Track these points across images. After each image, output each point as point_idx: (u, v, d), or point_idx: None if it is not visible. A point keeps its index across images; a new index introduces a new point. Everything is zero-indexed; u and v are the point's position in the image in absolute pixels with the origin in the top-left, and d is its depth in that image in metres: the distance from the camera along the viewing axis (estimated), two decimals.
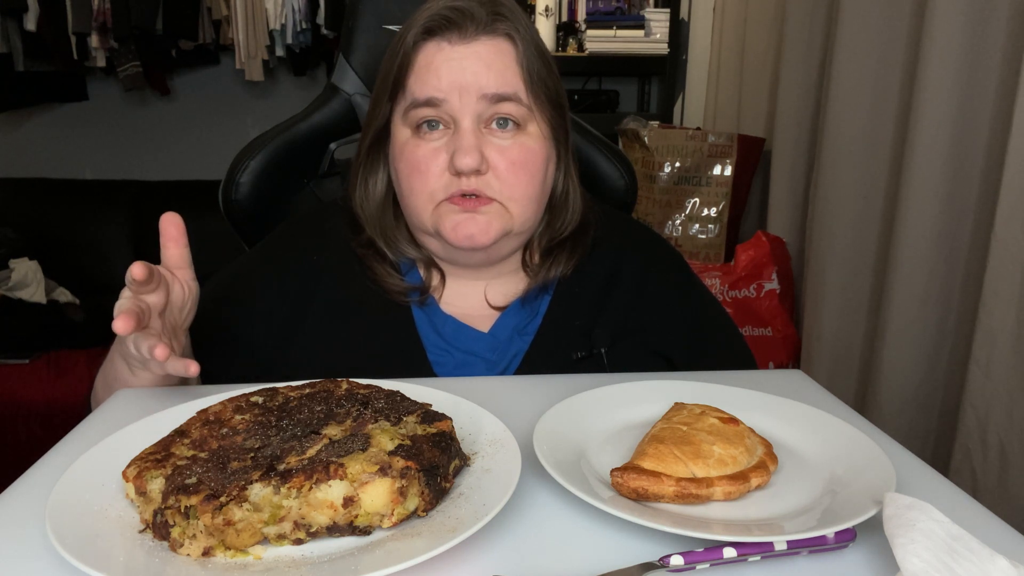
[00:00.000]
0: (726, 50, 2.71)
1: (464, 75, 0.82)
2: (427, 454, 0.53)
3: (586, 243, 0.95)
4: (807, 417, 0.67)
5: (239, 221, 1.13)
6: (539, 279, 0.93)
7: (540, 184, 0.88)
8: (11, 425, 2.25)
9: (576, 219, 0.95)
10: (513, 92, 0.83)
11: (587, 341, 0.89)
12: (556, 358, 0.89)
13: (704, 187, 2.42)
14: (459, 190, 0.83)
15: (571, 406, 0.68)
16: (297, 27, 2.71)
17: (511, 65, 0.84)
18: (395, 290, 0.90)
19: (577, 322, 0.91)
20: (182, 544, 0.49)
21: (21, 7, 2.54)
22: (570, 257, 0.93)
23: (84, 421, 0.71)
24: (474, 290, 0.93)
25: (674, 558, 0.48)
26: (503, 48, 0.84)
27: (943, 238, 1.61)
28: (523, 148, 0.85)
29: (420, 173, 0.84)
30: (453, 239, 0.84)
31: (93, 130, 3.10)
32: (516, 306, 0.93)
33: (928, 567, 0.43)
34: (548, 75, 0.88)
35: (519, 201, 0.85)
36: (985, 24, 1.50)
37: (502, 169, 0.83)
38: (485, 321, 0.92)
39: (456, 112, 0.82)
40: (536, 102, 0.86)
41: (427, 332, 0.90)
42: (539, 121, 0.87)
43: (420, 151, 0.84)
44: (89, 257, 2.83)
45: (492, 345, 0.90)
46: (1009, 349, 1.39)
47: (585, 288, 0.94)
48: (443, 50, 0.83)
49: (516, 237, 0.89)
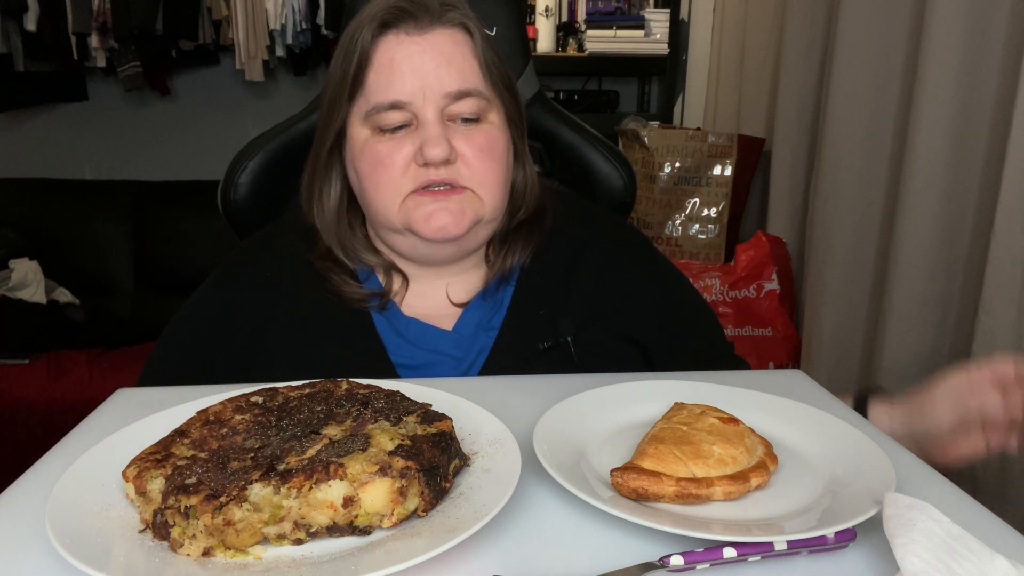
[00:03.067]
0: (726, 50, 2.71)
1: (426, 74, 0.82)
2: (427, 454, 0.53)
3: (543, 228, 0.94)
4: (807, 417, 0.67)
5: (238, 221, 1.13)
6: (496, 269, 0.92)
7: (506, 170, 0.88)
8: (11, 425, 2.25)
9: (533, 205, 0.94)
10: (473, 86, 0.84)
11: (553, 330, 0.89)
12: (522, 350, 0.88)
13: (704, 187, 2.42)
14: (428, 180, 0.82)
15: (571, 406, 0.68)
16: (297, 27, 2.71)
17: (468, 57, 0.85)
18: (354, 297, 0.90)
19: (542, 311, 0.90)
20: (182, 544, 0.49)
21: (21, 7, 2.54)
22: (527, 244, 0.92)
23: (84, 421, 0.71)
24: (436, 289, 0.93)
25: (674, 558, 0.48)
26: (459, 40, 0.84)
27: (943, 238, 1.61)
28: (488, 135, 0.85)
29: (385, 167, 0.83)
30: (425, 231, 0.83)
31: (93, 130, 3.10)
32: (478, 300, 0.92)
33: (928, 567, 0.43)
34: (500, 63, 0.88)
35: (489, 187, 0.85)
36: (985, 24, 1.50)
37: (470, 156, 0.83)
38: (449, 319, 0.91)
39: (419, 110, 0.82)
40: (494, 91, 0.87)
41: (389, 336, 0.89)
42: (498, 109, 0.87)
43: (382, 146, 0.83)
44: (89, 257, 2.82)
45: (457, 342, 0.89)
46: (1009, 349, 1.39)
47: (547, 276, 0.93)
48: (402, 43, 0.83)
49: (486, 225, 0.88)
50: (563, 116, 1.20)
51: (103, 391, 0.79)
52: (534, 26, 2.69)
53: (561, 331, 0.88)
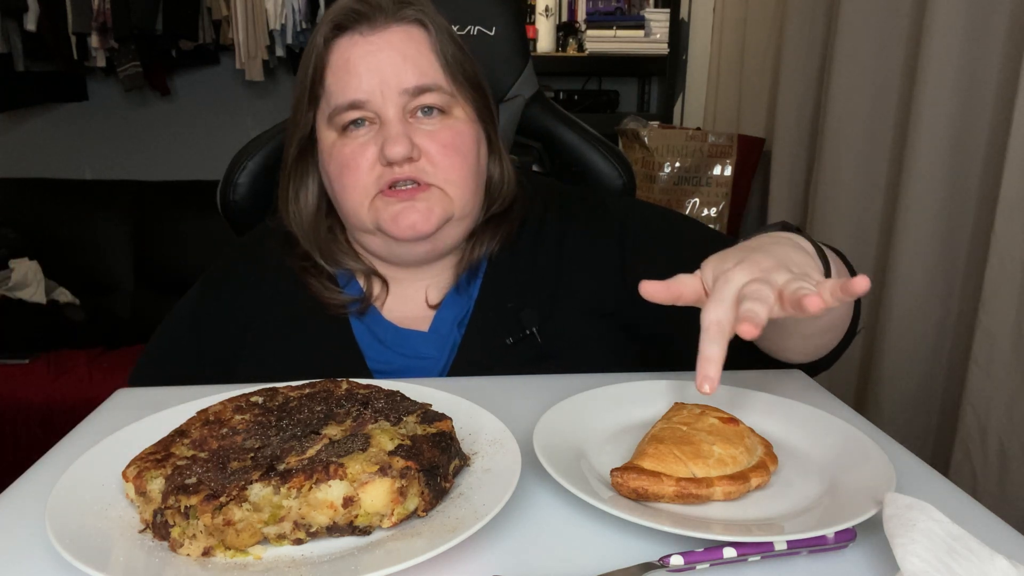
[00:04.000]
0: (726, 50, 2.71)
1: (383, 71, 0.81)
2: (427, 454, 0.53)
3: (512, 220, 0.92)
4: (807, 417, 0.67)
5: (238, 221, 1.13)
6: (466, 261, 0.91)
7: (475, 166, 0.87)
8: (11, 425, 2.25)
9: (509, 198, 0.93)
10: (432, 81, 0.83)
11: (518, 324, 0.87)
12: (490, 345, 0.87)
13: (704, 187, 2.42)
14: (393, 178, 0.82)
15: (571, 406, 0.68)
16: (297, 27, 2.70)
17: (426, 53, 0.84)
18: (333, 303, 0.89)
19: (509, 304, 0.89)
20: (182, 544, 0.49)
21: (21, 7, 2.54)
22: (494, 234, 0.91)
23: (84, 421, 0.71)
24: (416, 292, 0.92)
25: (674, 558, 0.48)
26: (415, 35, 0.84)
27: (943, 238, 1.61)
28: (452, 131, 0.84)
29: (351, 169, 0.83)
30: (395, 231, 0.83)
31: (93, 130, 3.10)
32: (452, 297, 0.91)
33: (928, 567, 0.43)
34: (464, 57, 0.87)
35: (457, 183, 0.84)
36: (985, 24, 1.50)
37: (434, 153, 0.83)
38: (427, 321, 0.90)
39: (379, 108, 0.82)
40: (457, 86, 0.85)
41: (368, 342, 0.88)
42: (463, 104, 0.86)
43: (348, 148, 0.83)
44: (89, 257, 2.82)
45: (436, 343, 0.89)
46: (1009, 349, 1.39)
47: (514, 268, 0.92)
48: (356, 44, 0.82)
49: (459, 223, 0.87)
50: (563, 116, 1.20)
51: (103, 391, 0.79)
52: (534, 26, 2.69)
53: (525, 323, 0.87)
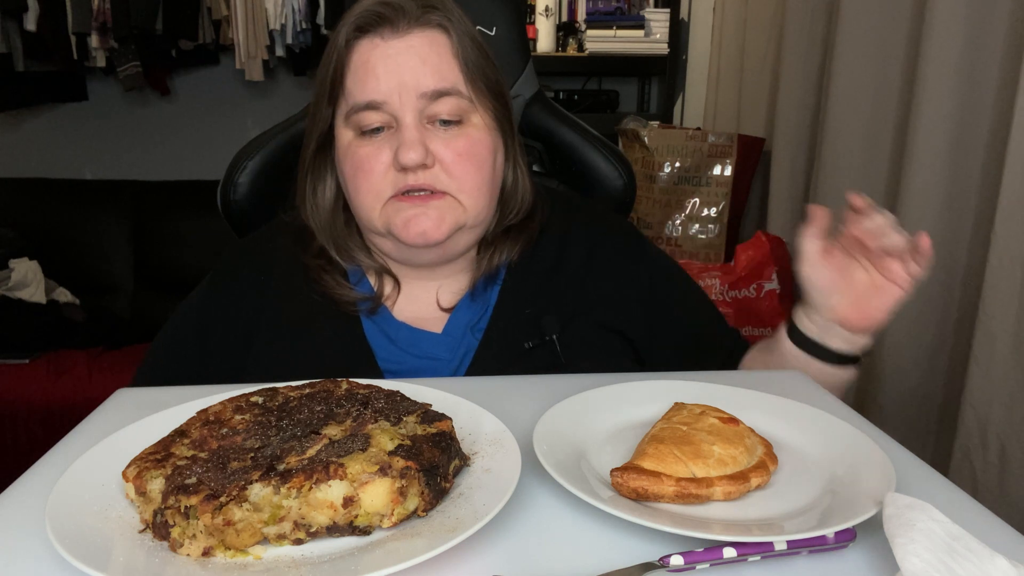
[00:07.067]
0: (726, 50, 2.71)
1: (402, 74, 0.81)
2: (427, 454, 0.53)
3: (532, 229, 0.93)
4: (807, 417, 0.67)
5: (238, 221, 1.13)
6: (483, 269, 0.91)
7: (490, 174, 0.87)
8: (11, 425, 2.25)
9: (525, 208, 0.93)
10: (452, 86, 0.83)
11: (538, 329, 0.88)
12: (508, 350, 0.87)
13: (704, 187, 2.42)
14: (406, 185, 0.82)
15: (571, 406, 0.68)
16: (297, 27, 2.71)
17: (447, 57, 0.83)
18: (345, 300, 0.89)
19: (528, 310, 0.90)
20: (182, 544, 0.49)
21: (21, 7, 2.54)
22: (514, 243, 0.92)
23: (84, 421, 0.71)
24: (427, 293, 0.92)
25: (674, 558, 0.48)
26: (437, 40, 0.83)
27: (943, 238, 1.60)
28: (468, 139, 0.84)
29: (365, 172, 0.83)
30: (405, 236, 0.83)
31: (93, 130, 3.10)
32: (466, 301, 0.91)
33: (928, 567, 0.43)
34: (486, 64, 0.86)
35: (470, 193, 0.84)
36: (985, 24, 1.50)
37: (449, 161, 0.83)
38: (439, 322, 0.90)
39: (397, 111, 0.82)
40: (476, 93, 0.85)
41: (380, 341, 0.89)
42: (482, 112, 0.86)
43: (363, 150, 0.83)
44: (89, 257, 2.82)
45: (448, 345, 0.89)
46: (1009, 349, 1.39)
47: (534, 275, 0.93)
48: (377, 47, 0.82)
49: (470, 231, 0.87)
50: (563, 116, 1.20)
51: (103, 391, 0.79)
52: (534, 26, 2.69)
53: (546, 329, 0.88)
